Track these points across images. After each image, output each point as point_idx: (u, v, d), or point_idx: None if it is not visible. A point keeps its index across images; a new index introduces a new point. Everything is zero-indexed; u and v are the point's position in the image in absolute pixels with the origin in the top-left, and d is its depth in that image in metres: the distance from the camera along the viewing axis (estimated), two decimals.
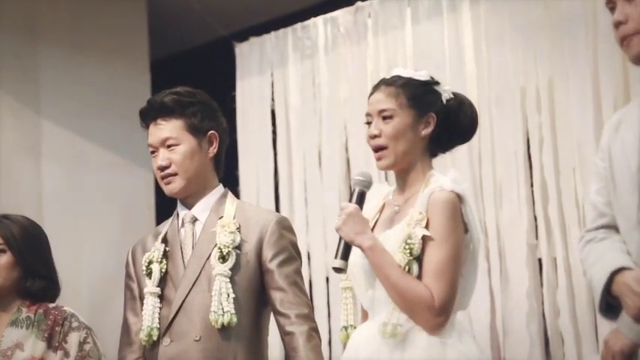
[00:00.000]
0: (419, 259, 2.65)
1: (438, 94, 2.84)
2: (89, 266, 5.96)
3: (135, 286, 3.15)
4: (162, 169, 3.07)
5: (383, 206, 2.88)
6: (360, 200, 2.78)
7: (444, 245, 2.64)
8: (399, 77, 2.83)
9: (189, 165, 3.07)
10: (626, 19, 2.43)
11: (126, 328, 3.16)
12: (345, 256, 2.71)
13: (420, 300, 2.61)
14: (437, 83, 2.86)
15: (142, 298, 3.09)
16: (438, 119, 2.81)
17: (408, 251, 2.64)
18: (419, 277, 2.64)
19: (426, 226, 2.66)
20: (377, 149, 2.80)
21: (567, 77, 5.01)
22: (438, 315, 2.62)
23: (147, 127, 3.13)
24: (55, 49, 6.14)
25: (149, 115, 3.12)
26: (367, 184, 2.79)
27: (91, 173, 6.16)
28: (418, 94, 2.80)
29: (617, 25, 2.44)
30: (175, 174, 3.07)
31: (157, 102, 3.10)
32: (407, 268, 2.63)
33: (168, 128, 3.07)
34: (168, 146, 3.07)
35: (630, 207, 2.42)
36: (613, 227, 2.53)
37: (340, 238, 2.72)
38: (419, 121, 2.79)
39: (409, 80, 2.82)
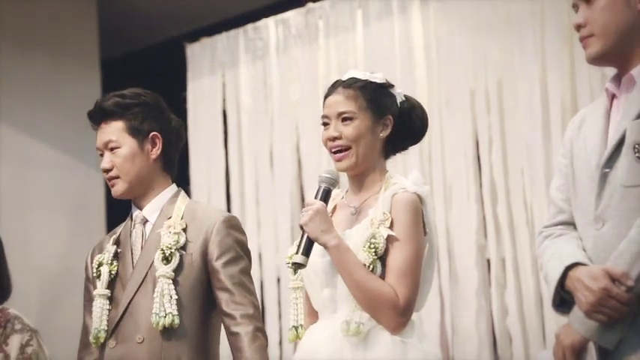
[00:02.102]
0: (382, 258, 2.66)
1: (393, 97, 2.85)
2: (39, 267, 5.91)
3: (92, 288, 3.12)
4: (106, 171, 3.08)
5: (334, 208, 2.88)
6: (326, 197, 2.76)
7: (408, 245, 2.66)
8: (356, 79, 2.83)
9: (129, 167, 3.05)
10: (585, 22, 2.50)
11: (84, 329, 3.14)
12: (308, 252, 2.69)
13: (385, 299, 2.62)
14: (392, 86, 2.88)
15: None
16: (394, 122, 2.83)
17: (373, 250, 2.64)
18: (382, 276, 2.65)
19: (390, 227, 2.67)
20: (337, 151, 2.79)
21: (516, 79, 5.07)
22: (402, 315, 2.63)
23: (97, 129, 3.13)
24: (4, 48, 6.08)
25: (95, 118, 3.12)
26: (334, 182, 2.78)
27: (41, 173, 6.12)
28: (376, 97, 2.81)
29: (577, 27, 2.52)
30: (117, 177, 3.06)
31: (99, 105, 3.11)
32: (371, 267, 2.64)
33: (109, 131, 3.07)
34: (111, 149, 3.06)
35: (588, 204, 2.47)
36: (571, 224, 2.58)
37: (303, 234, 2.69)
38: (377, 123, 2.80)
39: (367, 82, 2.82)
